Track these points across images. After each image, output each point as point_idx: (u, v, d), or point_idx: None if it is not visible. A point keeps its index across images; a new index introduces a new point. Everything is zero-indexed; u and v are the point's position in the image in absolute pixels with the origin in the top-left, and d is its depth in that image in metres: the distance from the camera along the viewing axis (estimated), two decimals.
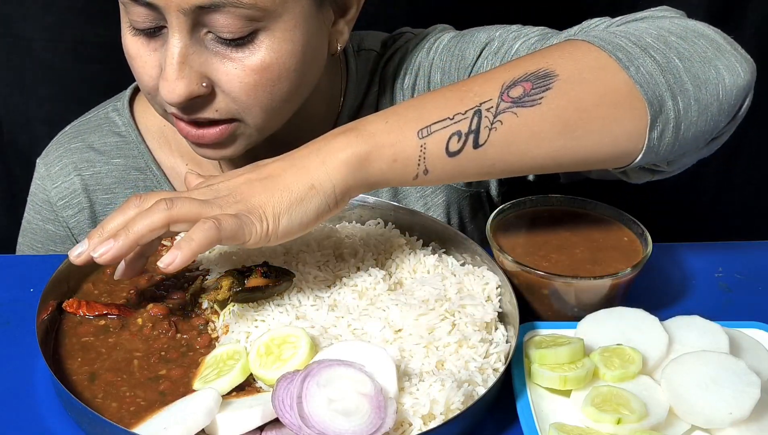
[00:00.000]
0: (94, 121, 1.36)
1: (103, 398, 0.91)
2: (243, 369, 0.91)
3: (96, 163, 1.33)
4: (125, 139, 1.33)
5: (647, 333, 0.97)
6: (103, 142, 1.33)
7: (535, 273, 1.03)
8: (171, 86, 1.04)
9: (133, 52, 1.09)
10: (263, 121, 1.12)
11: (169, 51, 1.04)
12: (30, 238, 1.38)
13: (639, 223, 1.10)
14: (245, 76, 1.06)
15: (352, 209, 1.17)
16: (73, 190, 1.33)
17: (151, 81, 1.09)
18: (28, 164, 1.85)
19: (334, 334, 0.97)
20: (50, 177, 1.34)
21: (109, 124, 1.34)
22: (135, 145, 1.33)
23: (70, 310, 1.01)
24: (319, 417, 0.83)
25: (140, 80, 1.12)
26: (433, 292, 1.01)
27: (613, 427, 0.87)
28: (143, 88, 1.13)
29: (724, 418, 0.88)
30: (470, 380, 0.92)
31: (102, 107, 1.37)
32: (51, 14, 1.73)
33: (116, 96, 1.39)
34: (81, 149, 1.34)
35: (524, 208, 1.15)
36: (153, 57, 1.08)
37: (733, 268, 1.19)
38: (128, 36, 1.09)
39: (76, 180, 1.33)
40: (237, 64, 1.06)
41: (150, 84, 1.10)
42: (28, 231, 1.38)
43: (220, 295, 0.99)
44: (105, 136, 1.34)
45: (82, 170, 1.33)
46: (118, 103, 1.35)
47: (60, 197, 1.33)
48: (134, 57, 1.10)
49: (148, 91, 1.12)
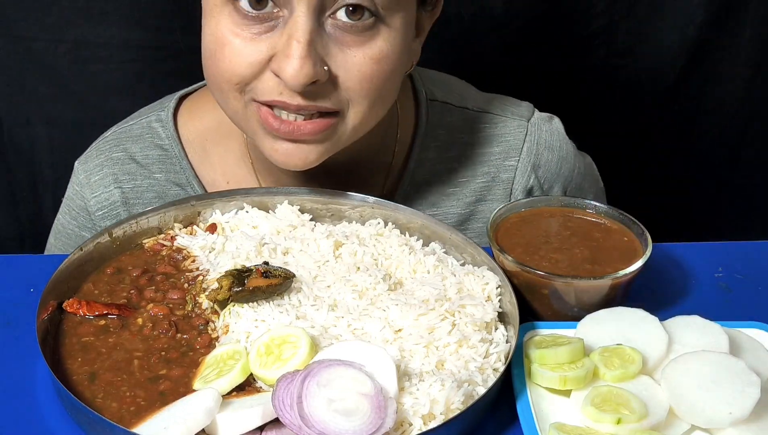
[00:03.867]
0: (137, 129, 1.34)
1: (103, 398, 0.91)
2: (243, 369, 0.91)
3: (137, 177, 1.31)
4: (167, 153, 1.31)
5: (647, 333, 0.97)
6: (145, 154, 1.32)
7: (535, 273, 1.03)
8: (298, 64, 1.02)
9: (228, 37, 1.06)
10: (362, 119, 1.11)
11: (298, 30, 1.02)
12: (63, 241, 1.37)
13: (639, 223, 1.10)
14: (363, 64, 1.07)
15: (353, 209, 1.18)
16: (112, 202, 1.31)
17: (250, 68, 1.07)
18: (28, 163, 1.87)
19: (334, 334, 0.97)
20: (90, 186, 1.32)
21: (152, 135, 1.32)
22: (177, 160, 1.31)
23: (70, 310, 1.01)
24: (319, 417, 0.83)
25: (231, 69, 1.08)
26: (433, 292, 1.01)
27: (613, 427, 0.87)
28: (231, 78, 1.08)
29: (724, 418, 0.88)
30: (470, 380, 0.92)
31: (144, 115, 1.35)
32: (51, 14, 1.73)
33: (158, 103, 1.36)
34: (122, 160, 1.32)
35: (524, 209, 1.15)
36: (257, 43, 1.06)
37: (733, 268, 1.19)
38: (225, 20, 1.06)
39: (116, 192, 1.31)
40: (356, 52, 1.06)
41: (246, 72, 1.07)
42: (62, 234, 1.37)
43: (220, 295, 0.99)
44: (147, 148, 1.32)
45: (123, 183, 1.31)
46: (162, 113, 1.33)
47: (99, 208, 1.31)
48: (228, 43, 1.07)
49: (238, 81, 1.08)
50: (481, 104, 1.37)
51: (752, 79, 2.00)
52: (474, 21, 1.86)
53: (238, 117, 1.14)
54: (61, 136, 1.83)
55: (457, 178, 1.34)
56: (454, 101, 1.36)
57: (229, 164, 1.32)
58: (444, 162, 1.34)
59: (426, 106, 1.33)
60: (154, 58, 1.78)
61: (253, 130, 1.13)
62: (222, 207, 1.17)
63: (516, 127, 1.35)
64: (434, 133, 1.33)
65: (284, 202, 1.17)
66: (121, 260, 1.10)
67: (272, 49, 1.06)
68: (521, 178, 1.34)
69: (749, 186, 2.13)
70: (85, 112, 1.80)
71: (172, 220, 1.15)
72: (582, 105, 1.98)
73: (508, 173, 1.35)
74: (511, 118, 1.36)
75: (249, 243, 1.08)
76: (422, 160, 1.33)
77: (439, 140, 1.34)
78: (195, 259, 1.09)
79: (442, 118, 1.34)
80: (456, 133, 1.34)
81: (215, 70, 1.10)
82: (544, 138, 1.36)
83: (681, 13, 1.90)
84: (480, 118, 1.35)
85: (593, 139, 1.98)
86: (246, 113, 1.12)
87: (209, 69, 1.11)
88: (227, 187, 1.30)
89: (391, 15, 1.07)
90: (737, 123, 2.06)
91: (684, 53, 1.94)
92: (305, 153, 1.12)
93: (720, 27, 1.93)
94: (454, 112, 1.35)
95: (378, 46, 1.07)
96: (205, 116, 1.32)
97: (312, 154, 1.12)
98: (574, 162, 1.38)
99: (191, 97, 1.35)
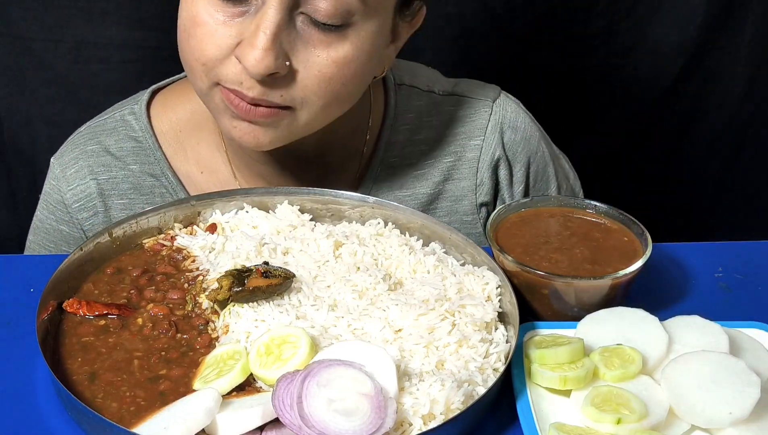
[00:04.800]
0: (111, 123, 1.35)
1: (103, 398, 0.91)
2: (243, 369, 0.91)
3: (112, 168, 1.32)
4: (141, 144, 1.32)
5: (647, 333, 0.97)
6: (119, 146, 1.33)
7: (535, 273, 1.03)
8: (260, 55, 1.04)
9: (203, 17, 1.08)
10: (314, 117, 1.13)
11: (266, 21, 1.04)
12: (42, 237, 1.37)
13: (639, 223, 1.10)
14: (325, 65, 1.08)
15: (353, 209, 1.18)
16: (88, 194, 1.32)
17: (217, 51, 1.08)
18: (28, 164, 1.86)
19: (334, 334, 0.97)
20: (65, 179, 1.33)
21: (126, 127, 1.33)
22: (151, 151, 1.32)
23: (70, 310, 1.01)
24: (319, 417, 0.83)
25: (201, 49, 1.10)
26: (433, 292, 1.01)
27: (613, 427, 0.87)
28: (200, 57, 1.10)
29: (724, 418, 0.88)
30: (470, 380, 0.92)
31: (118, 109, 1.36)
32: (51, 14, 1.73)
33: (131, 98, 1.37)
34: (97, 152, 1.33)
35: (524, 208, 1.15)
36: (227, 27, 1.07)
37: (733, 268, 1.19)
38: (201, 2, 1.08)
39: (92, 184, 1.32)
40: (321, 52, 1.07)
41: (214, 54, 1.09)
42: (41, 230, 1.37)
43: (220, 295, 0.99)
44: (121, 140, 1.33)
45: (98, 174, 1.32)
46: (135, 106, 1.34)
47: (75, 200, 1.32)
48: (202, 23, 1.08)
49: (205, 61, 1.10)
50: (447, 87, 1.38)
51: (752, 79, 2.00)
52: (474, 20, 1.87)
53: (203, 95, 1.17)
54: (61, 136, 1.81)
55: (426, 160, 1.36)
56: (422, 85, 1.37)
57: (203, 155, 1.33)
58: (413, 144, 1.36)
59: (394, 91, 1.35)
60: (154, 58, 1.78)
61: (216, 107, 1.15)
62: (222, 207, 1.17)
63: (481, 108, 1.37)
64: (403, 117, 1.35)
65: (284, 202, 1.17)
66: (121, 260, 1.10)
67: (240, 35, 1.07)
68: (485, 156, 1.36)
69: (749, 186, 2.13)
70: (85, 112, 1.79)
71: (172, 220, 1.15)
72: (582, 105, 1.98)
73: (474, 152, 1.36)
74: (476, 99, 1.38)
75: (249, 243, 1.08)
76: (392, 144, 1.34)
77: (408, 123, 1.36)
78: (195, 259, 1.09)
79: (410, 102, 1.36)
80: (424, 117, 1.36)
81: (186, 47, 1.12)
82: (509, 117, 1.37)
83: (681, 13, 1.90)
84: (446, 101, 1.37)
85: (593, 139, 1.99)
86: (210, 93, 1.14)
87: (181, 46, 1.14)
88: (201, 177, 1.32)
89: (363, 20, 1.08)
90: (737, 123, 2.06)
91: (684, 53, 1.94)
92: (259, 134, 1.14)
93: (720, 27, 1.93)
94: (422, 96, 1.37)
95: (344, 49, 1.09)
96: (178, 108, 1.34)
97: (265, 137, 1.14)
98: (538, 145, 1.40)
99: (164, 91, 1.37)
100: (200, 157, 1.33)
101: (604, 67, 1.95)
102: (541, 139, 1.41)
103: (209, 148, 1.33)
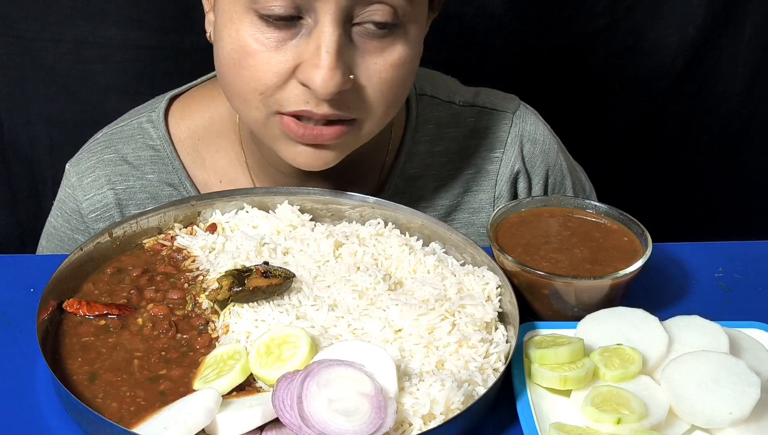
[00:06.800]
0: (128, 131, 1.33)
1: (103, 398, 0.91)
2: (243, 369, 0.91)
3: (129, 178, 1.31)
4: (159, 153, 1.31)
5: (647, 333, 0.97)
6: (136, 155, 1.31)
7: (535, 273, 1.03)
8: (327, 75, 1.03)
9: (254, 46, 1.06)
10: (376, 124, 1.14)
11: (325, 40, 1.03)
12: (56, 244, 1.36)
13: (639, 223, 1.10)
14: (384, 71, 1.08)
15: (353, 209, 1.18)
16: (105, 204, 1.31)
17: (276, 77, 1.06)
18: (28, 164, 1.86)
19: (334, 334, 0.97)
20: (82, 188, 1.31)
21: (143, 135, 1.32)
22: (169, 160, 1.31)
23: (70, 310, 1.01)
24: (319, 417, 0.83)
25: (257, 78, 1.07)
26: (433, 292, 1.01)
27: (613, 427, 0.87)
28: (257, 87, 1.08)
29: (724, 418, 0.88)
30: (470, 380, 0.92)
31: (135, 116, 1.34)
32: (51, 14, 1.73)
33: (148, 104, 1.36)
34: (115, 161, 1.31)
35: (524, 208, 1.15)
36: (282, 52, 1.06)
37: (733, 268, 1.19)
38: (247, 27, 1.06)
39: (109, 193, 1.31)
40: (377, 60, 1.08)
41: (272, 81, 1.07)
42: (55, 237, 1.36)
43: (220, 295, 0.99)
44: (139, 148, 1.32)
45: (116, 184, 1.31)
46: (153, 114, 1.33)
47: (92, 210, 1.31)
48: (253, 53, 1.06)
49: (263, 90, 1.08)
50: (467, 98, 1.38)
51: (752, 79, 2.00)
52: (474, 20, 1.86)
53: (258, 125, 1.14)
54: (61, 136, 1.83)
55: (446, 171, 1.36)
56: (442, 95, 1.37)
57: (221, 164, 1.32)
58: (433, 156, 1.35)
59: (416, 101, 1.35)
60: (154, 58, 1.78)
61: (274, 137, 1.13)
62: (222, 207, 1.17)
63: (501, 120, 1.37)
64: (423, 128, 1.35)
65: (284, 202, 1.17)
66: (121, 260, 1.10)
67: (298, 58, 1.05)
68: (505, 169, 1.36)
69: (749, 186, 2.13)
70: (85, 112, 1.80)
71: (172, 220, 1.15)
72: (582, 105, 1.98)
73: (494, 164, 1.37)
74: (497, 111, 1.37)
75: (249, 243, 1.08)
76: (412, 155, 1.34)
77: (429, 135, 1.35)
78: (195, 259, 1.09)
79: (431, 112, 1.36)
80: (444, 128, 1.36)
81: (239, 79, 1.09)
82: (528, 130, 1.37)
83: (681, 13, 1.90)
84: (466, 111, 1.37)
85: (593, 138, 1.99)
86: (267, 122, 1.12)
87: (231, 78, 1.10)
88: (220, 186, 1.30)
89: (410, 19, 1.09)
90: (737, 123, 2.06)
91: (684, 53, 1.94)
92: (326, 155, 1.13)
93: (720, 27, 1.93)
94: (442, 106, 1.37)
95: (397, 51, 1.09)
96: (197, 116, 1.32)
97: (331, 156, 1.14)
98: (556, 157, 1.40)
99: (182, 98, 1.35)
100: (219, 166, 1.31)
101: (604, 67, 1.95)
102: (559, 151, 1.41)
103: (228, 156, 1.32)
